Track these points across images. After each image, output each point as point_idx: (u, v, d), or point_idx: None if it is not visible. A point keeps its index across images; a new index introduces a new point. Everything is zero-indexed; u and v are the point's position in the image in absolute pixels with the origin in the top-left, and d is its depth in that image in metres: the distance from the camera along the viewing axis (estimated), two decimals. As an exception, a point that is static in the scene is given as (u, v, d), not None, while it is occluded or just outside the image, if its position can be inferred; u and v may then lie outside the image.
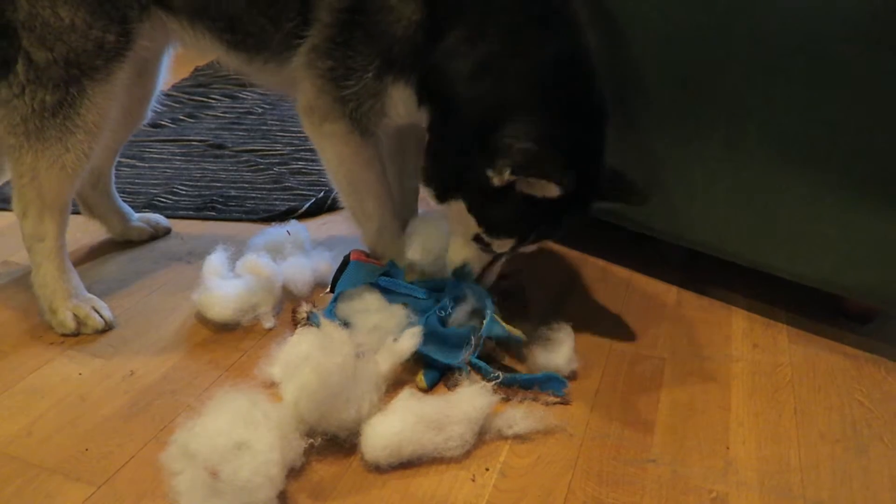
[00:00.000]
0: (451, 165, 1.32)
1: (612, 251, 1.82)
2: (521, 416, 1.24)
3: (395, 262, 1.53)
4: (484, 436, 1.22)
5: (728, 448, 1.23)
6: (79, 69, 1.36)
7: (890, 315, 1.57)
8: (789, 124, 1.40)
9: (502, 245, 1.37)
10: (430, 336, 1.33)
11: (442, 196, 1.36)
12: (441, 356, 1.33)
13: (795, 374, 1.43)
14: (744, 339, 1.53)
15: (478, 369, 1.32)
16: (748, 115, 1.44)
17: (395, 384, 1.28)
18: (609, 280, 1.74)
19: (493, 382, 1.28)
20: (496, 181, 1.25)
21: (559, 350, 1.37)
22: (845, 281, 1.46)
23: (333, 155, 1.46)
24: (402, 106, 1.38)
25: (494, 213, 1.31)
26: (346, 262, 1.54)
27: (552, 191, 1.22)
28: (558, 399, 1.31)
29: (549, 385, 1.32)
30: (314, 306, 1.46)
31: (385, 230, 1.54)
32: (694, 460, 1.20)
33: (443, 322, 1.38)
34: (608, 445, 1.23)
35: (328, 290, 1.55)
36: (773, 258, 1.53)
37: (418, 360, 1.33)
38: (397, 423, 1.16)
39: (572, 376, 1.37)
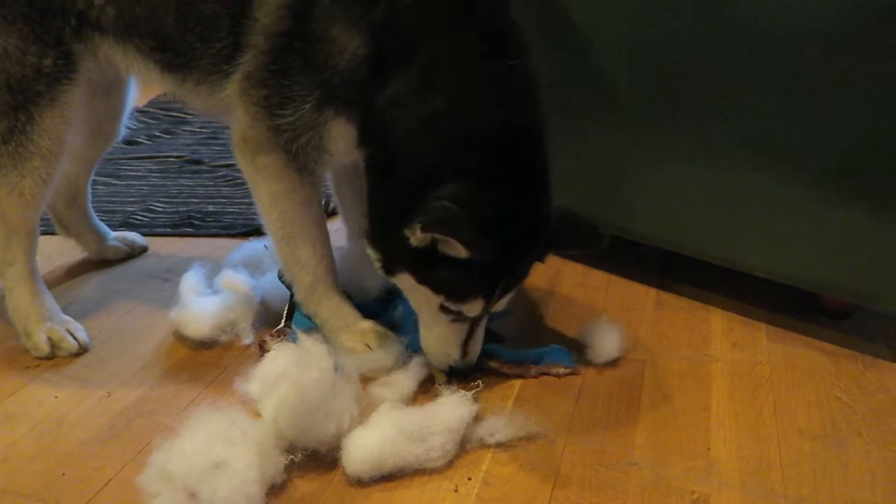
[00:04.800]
0: (390, 230, 1.23)
1: (590, 256, 1.82)
2: (502, 423, 1.24)
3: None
4: (466, 445, 1.21)
5: (709, 448, 1.23)
6: (23, 95, 1.33)
7: (866, 311, 1.58)
8: (758, 124, 1.41)
9: (472, 308, 1.25)
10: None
11: (388, 268, 1.27)
12: None
13: (774, 372, 1.43)
14: (723, 339, 1.54)
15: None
16: (718, 117, 1.45)
17: (374, 397, 1.28)
18: (588, 284, 1.74)
19: (505, 367, 1.39)
20: (413, 241, 1.18)
21: (608, 337, 1.45)
22: (820, 278, 1.47)
23: (267, 192, 1.35)
24: (342, 142, 1.30)
25: (444, 276, 1.22)
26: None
27: (462, 251, 1.16)
28: (569, 371, 1.39)
29: (558, 357, 1.40)
30: (281, 337, 1.43)
31: (319, 285, 1.40)
32: (676, 462, 1.20)
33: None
34: (590, 450, 1.23)
35: (282, 324, 1.46)
36: (749, 257, 1.54)
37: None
38: (378, 436, 1.15)
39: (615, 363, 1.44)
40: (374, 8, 1.21)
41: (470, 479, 1.16)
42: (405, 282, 1.27)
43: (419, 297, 1.29)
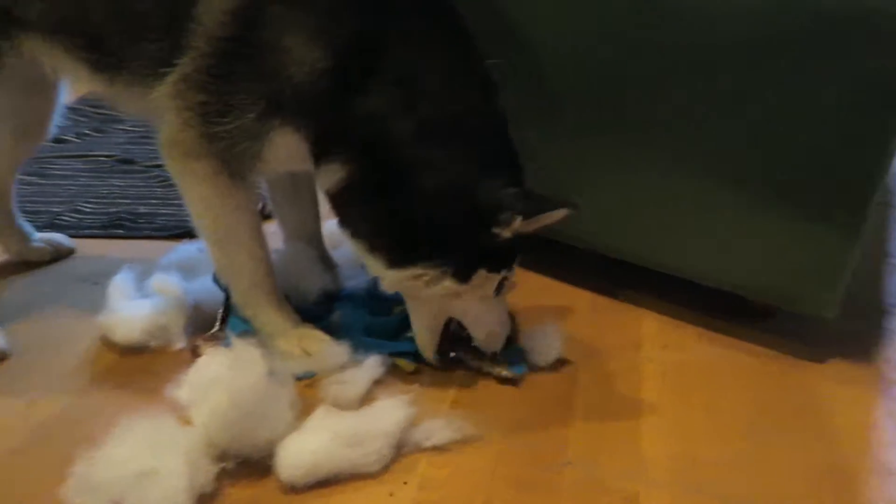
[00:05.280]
0: (448, 242, 1.25)
1: (527, 259, 1.83)
2: (438, 427, 1.24)
3: None
4: (402, 449, 1.21)
5: (640, 448, 1.26)
6: None
7: (788, 313, 1.64)
8: (686, 134, 1.46)
9: (515, 265, 1.36)
10: (369, 329, 1.44)
11: (465, 277, 1.27)
12: (391, 346, 1.41)
13: (703, 372, 1.48)
14: (654, 341, 1.57)
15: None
16: (650, 126, 1.49)
17: (310, 402, 1.26)
18: (524, 287, 1.75)
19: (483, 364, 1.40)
20: (507, 234, 1.24)
21: (549, 340, 1.46)
22: (743, 282, 1.53)
23: (197, 198, 1.32)
24: (283, 152, 1.27)
25: (509, 251, 1.30)
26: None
27: (547, 219, 1.26)
28: (511, 376, 1.39)
29: (512, 357, 1.41)
30: (215, 341, 1.39)
31: (257, 289, 1.38)
32: (608, 461, 1.23)
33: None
34: (525, 451, 1.24)
35: (216, 328, 1.43)
36: (678, 261, 1.58)
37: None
38: (313, 442, 1.14)
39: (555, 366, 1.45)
40: (338, 26, 1.21)
41: (405, 483, 1.16)
42: (475, 282, 1.28)
43: (472, 296, 1.31)
